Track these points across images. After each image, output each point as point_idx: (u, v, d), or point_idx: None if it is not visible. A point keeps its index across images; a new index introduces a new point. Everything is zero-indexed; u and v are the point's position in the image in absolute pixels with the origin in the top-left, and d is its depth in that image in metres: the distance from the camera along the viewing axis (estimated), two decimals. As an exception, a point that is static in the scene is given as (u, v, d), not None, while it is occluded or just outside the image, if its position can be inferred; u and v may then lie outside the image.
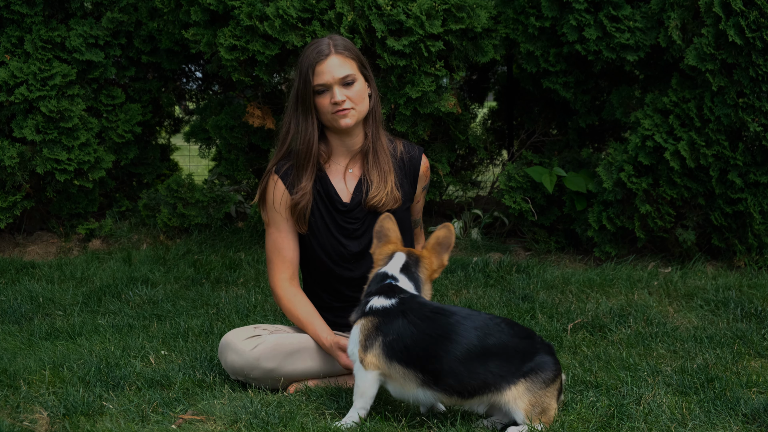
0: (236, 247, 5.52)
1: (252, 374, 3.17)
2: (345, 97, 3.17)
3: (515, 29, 5.28)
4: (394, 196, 3.28)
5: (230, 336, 3.24)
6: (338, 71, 3.17)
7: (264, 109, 5.50)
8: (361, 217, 3.30)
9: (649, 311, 4.12)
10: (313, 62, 3.16)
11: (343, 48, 3.20)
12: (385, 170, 3.28)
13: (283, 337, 3.22)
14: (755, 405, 2.95)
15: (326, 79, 3.16)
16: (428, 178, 3.44)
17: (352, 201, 3.30)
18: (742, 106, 4.67)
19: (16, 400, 3.09)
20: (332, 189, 3.30)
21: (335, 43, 3.20)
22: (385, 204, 3.26)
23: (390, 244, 3.02)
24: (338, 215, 3.30)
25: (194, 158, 8.29)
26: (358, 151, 3.32)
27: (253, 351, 3.16)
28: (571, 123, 5.62)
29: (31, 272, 5.05)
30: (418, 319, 2.79)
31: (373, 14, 4.92)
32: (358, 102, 3.21)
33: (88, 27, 5.66)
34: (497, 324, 2.81)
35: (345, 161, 3.33)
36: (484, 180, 6.77)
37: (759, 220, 4.84)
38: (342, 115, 3.19)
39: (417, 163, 3.37)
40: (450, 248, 3.03)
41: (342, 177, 3.32)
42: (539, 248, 5.39)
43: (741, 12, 4.56)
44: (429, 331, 2.77)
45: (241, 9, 5.05)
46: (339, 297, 3.35)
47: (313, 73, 3.16)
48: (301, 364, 3.19)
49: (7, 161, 5.36)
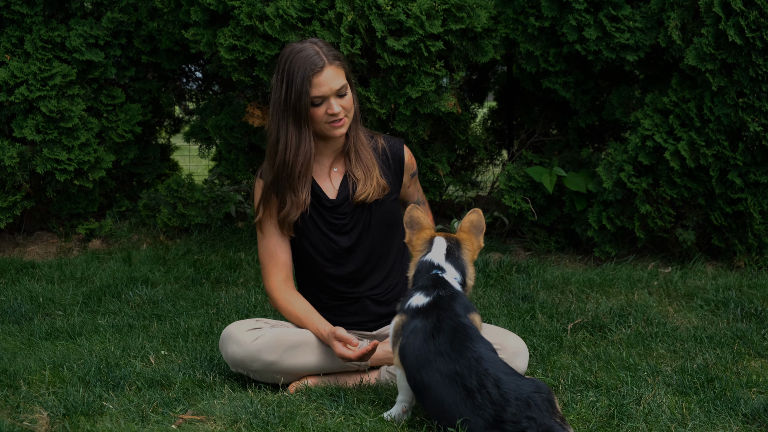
0: (236, 247, 5.52)
1: (252, 366, 3.18)
2: (340, 107, 3.22)
3: (515, 29, 5.28)
4: (381, 185, 3.33)
5: (232, 327, 3.25)
6: (334, 83, 3.19)
7: (264, 109, 5.50)
8: (349, 212, 3.33)
9: (649, 311, 4.12)
10: (309, 74, 3.15)
11: (333, 57, 3.21)
12: (369, 166, 3.33)
13: (285, 331, 3.23)
14: (755, 405, 2.95)
15: (324, 91, 3.18)
16: (414, 165, 3.49)
17: (339, 197, 3.33)
18: (742, 106, 4.67)
19: (16, 400, 3.09)
20: (318, 188, 3.33)
21: (324, 52, 3.20)
22: (372, 196, 3.31)
23: (425, 230, 3.03)
24: (326, 212, 3.33)
25: (194, 158, 8.30)
26: (340, 150, 3.37)
27: (255, 342, 3.17)
28: (571, 123, 5.62)
29: (31, 272, 5.05)
30: (432, 333, 2.77)
31: (373, 14, 4.92)
32: (349, 109, 3.27)
33: (88, 27, 5.66)
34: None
35: (329, 161, 3.38)
36: (484, 180, 6.77)
37: (759, 220, 4.84)
38: (338, 126, 3.24)
39: (400, 154, 3.42)
40: (483, 231, 3.07)
41: (327, 176, 3.37)
42: (539, 248, 5.39)
43: (741, 12, 4.56)
44: (433, 349, 2.74)
45: (241, 9, 5.05)
46: (334, 295, 3.37)
47: (310, 85, 3.16)
48: (302, 358, 3.20)
49: (7, 161, 5.36)
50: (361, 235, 3.34)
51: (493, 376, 2.61)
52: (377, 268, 3.38)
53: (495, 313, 4.12)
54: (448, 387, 2.65)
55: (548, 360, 3.51)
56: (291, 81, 3.18)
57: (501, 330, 3.25)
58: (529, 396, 2.56)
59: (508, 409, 2.54)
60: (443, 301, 2.85)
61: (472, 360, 2.66)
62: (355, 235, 3.34)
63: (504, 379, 2.60)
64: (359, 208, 3.33)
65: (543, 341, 3.71)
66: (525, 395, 2.56)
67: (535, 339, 3.73)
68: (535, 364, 3.46)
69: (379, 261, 3.38)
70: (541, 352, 3.59)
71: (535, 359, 3.52)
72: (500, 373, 2.62)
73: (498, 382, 2.59)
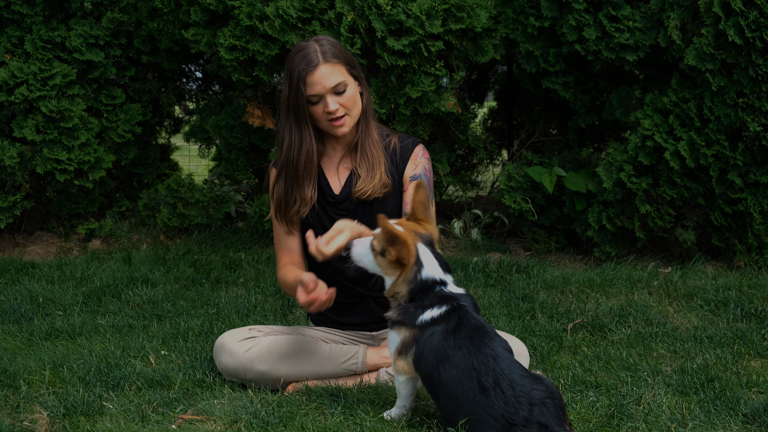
0: (236, 247, 5.52)
1: (246, 376, 3.18)
2: (338, 105, 3.18)
3: (515, 29, 5.28)
4: (383, 183, 3.27)
5: (225, 338, 3.24)
6: (329, 80, 3.15)
7: (264, 109, 5.50)
8: (351, 209, 3.31)
9: (649, 311, 4.12)
10: (303, 73, 3.14)
11: (331, 55, 3.17)
12: (374, 163, 3.28)
13: (277, 340, 3.21)
14: (755, 405, 2.95)
15: (317, 90, 3.15)
16: (421, 166, 3.34)
17: (342, 192, 3.32)
18: (742, 106, 4.67)
19: (16, 400, 3.09)
20: (325, 182, 3.33)
21: (323, 49, 3.18)
22: (372, 194, 3.26)
23: (405, 245, 2.82)
24: (329, 207, 3.32)
25: (194, 158, 8.30)
26: (351, 146, 3.34)
27: (247, 353, 3.16)
28: (571, 123, 5.62)
29: (31, 272, 5.05)
30: (452, 331, 2.74)
31: (373, 14, 4.92)
32: (350, 107, 3.21)
33: (88, 27, 5.66)
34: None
35: (339, 156, 3.36)
36: (484, 180, 6.77)
37: (759, 220, 4.84)
38: (338, 125, 3.20)
39: (409, 151, 3.34)
40: (432, 202, 3.01)
41: (335, 170, 3.35)
42: (539, 248, 5.39)
43: (741, 12, 4.56)
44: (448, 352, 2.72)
45: (241, 9, 5.05)
46: (339, 291, 3.35)
47: (305, 84, 3.15)
48: (295, 367, 3.19)
49: (7, 161, 5.36)
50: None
51: (508, 376, 2.60)
52: None
53: (495, 313, 4.12)
54: (464, 382, 2.63)
55: (548, 360, 3.51)
56: (290, 80, 3.18)
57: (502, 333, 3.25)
58: (541, 401, 2.56)
59: (520, 413, 2.54)
60: (461, 309, 2.81)
61: (489, 357, 2.65)
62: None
63: (519, 382, 2.59)
64: (362, 206, 3.30)
65: (543, 341, 3.71)
66: (538, 400, 2.56)
67: (535, 339, 3.73)
68: (535, 364, 3.46)
69: None
70: (541, 352, 3.59)
71: (535, 359, 3.52)
72: (515, 374, 2.62)
73: (513, 384, 2.59)
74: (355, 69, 3.26)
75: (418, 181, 2.94)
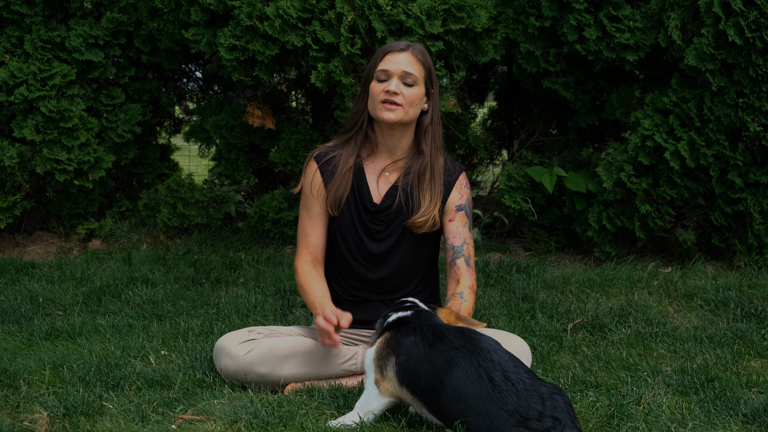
0: (236, 247, 5.52)
1: (246, 378, 3.18)
2: (400, 91, 3.17)
3: (515, 29, 5.28)
4: (435, 222, 3.27)
5: (224, 340, 3.24)
6: (405, 66, 3.18)
7: (264, 109, 5.50)
8: (387, 221, 3.28)
9: (649, 311, 4.12)
10: (386, 50, 3.22)
11: (419, 52, 3.23)
12: (437, 193, 3.26)
13: (277, 342, 3.21)
14: (755, 405, 2.95)
15: (391, 67, 3.18)
16: (465, 197, 3.33)
17: (382, 203, 3.29)
18: (742, 106, 4.67)
19: (16, 400, 3.09)
20: (365, 185, 3.29)
21: (414, 47, 3.24)
22: (423, 229, 3.25)
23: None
24: (365, 213, 3.29)
25: (194, 158, 8.30)
26: (399, 157, 3.30)
27: (247, 356, 3.16)
28: (571, 123, 5.62)
29: (31, 272, 5.05)
30: (434, 340, 2.71)
31: (373, 14, 4.92)
32: (409, 104, 3.19)
33: (87, 27, 5.66)
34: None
35: (384, 163, 3.31)
36: (484, 180, 6.77)
37: (759, 220, 4.84)
38: (388, 108, 3.17)
39: (454, 178, 3.33)
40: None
41: (376, 177, 3.31)
42: (539, 248, 5.39)
43: (741, 12, 4.56)
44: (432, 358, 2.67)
45: (241, 9, 5.05)
46: (349, 292, 3.35)
47: (383, 59, 3.20)
48: (294, 368, 3.19)
49: (7, 161, 5.36)
50: (393, 248, 3.29)
51: (513, 371, 2.57)
52: (400, 287, 3.34)
53: (495, 313, 4.12)
54: (474, 383, 2.56)
55: (548, 360, 3.51)
56: (373, 57, 3.26)
57: (504, 332, 3.25)
58: (551, 395, 2.54)
59: (534, 407, 2.49)
60: (424, 313, 2.84)
61: (488, 352, 2.62)
62: (387, 245, 3.28)
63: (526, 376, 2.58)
64: (397, 220, 3.27)
65: (543, 341, 3.71)
66: (548, 394, 2.53)
67: (535, 339, 3.73)
68: (535, 364, 3.46)
69: (404, 278, 3.33)
70: (541, 352, 3.59)
71: (535, 359, 3.52)
72: (521, 369, 2.60)
73: (521, 378, 2.55)
74: (432, 85, 3.27)
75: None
